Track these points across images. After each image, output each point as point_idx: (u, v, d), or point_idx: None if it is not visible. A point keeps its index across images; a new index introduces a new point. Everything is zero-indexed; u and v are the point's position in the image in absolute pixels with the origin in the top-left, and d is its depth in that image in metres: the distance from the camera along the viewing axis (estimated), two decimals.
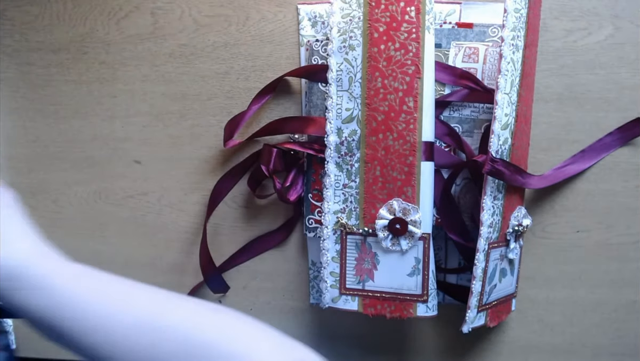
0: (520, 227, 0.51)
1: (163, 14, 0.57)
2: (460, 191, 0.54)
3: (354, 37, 0.49)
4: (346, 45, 0.50)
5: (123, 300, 0.36)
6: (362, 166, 0.50)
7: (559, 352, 0.58)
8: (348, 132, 0.50)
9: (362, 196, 0.50)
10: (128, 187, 0.59)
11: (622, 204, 0.56)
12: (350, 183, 0.51)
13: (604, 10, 0.54)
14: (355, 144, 0.50)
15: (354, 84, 0.50)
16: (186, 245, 0.59)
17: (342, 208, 0.51)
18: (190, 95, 0.57)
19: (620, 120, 0.55)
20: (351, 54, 0.50)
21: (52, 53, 0.58)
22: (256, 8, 0.56)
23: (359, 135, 0.50)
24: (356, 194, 0.51)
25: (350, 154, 0.51)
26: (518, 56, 0.48)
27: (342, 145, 0.51)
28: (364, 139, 0.50)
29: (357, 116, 0.50)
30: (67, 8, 0.57)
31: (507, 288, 0.53)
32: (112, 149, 0.58)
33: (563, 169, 0.55)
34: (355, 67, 0.50)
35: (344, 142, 0.51)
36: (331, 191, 0.51)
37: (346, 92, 0.50)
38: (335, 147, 0.51)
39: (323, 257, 0.52)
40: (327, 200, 0.51)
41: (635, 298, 0.57)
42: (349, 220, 0.51)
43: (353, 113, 0.50)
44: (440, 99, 0.52)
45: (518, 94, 0.49)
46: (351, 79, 0.50)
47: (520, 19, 0.48)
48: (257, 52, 0.56)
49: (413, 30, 0.47)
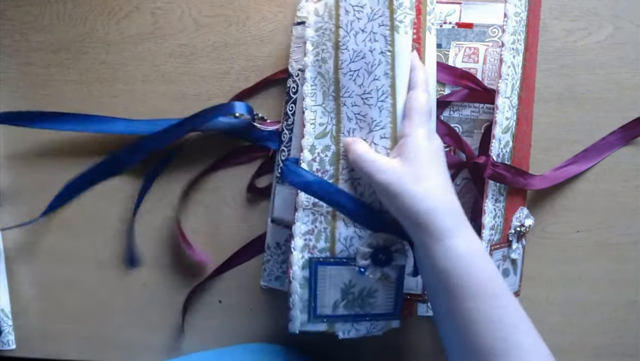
0: (523, 227, 0.51)
1: (163, 14, 0.57)
2: (460, 191, 0.54)
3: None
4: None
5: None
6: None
7: (559, 352, 0.57)
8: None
9: (333, 215, 0.47)
10: (128, 187, 0.58)
11: (622, 204, 0.56)
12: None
13: (604, 10, 0.54)
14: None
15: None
16: (186, 245, 0.59)
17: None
18: (190, 95, 0.57)
19: (621, 120, 0.55)
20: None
21: (52, 53, 0.58)
22: (256, 8, 0.56)
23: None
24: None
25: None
26: (518, 60, 0.48)
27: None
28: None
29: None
30: (67, 8, 0.57)
31: (510, 287, 0.53)
32: (112, 149, 0.58)
33: (565, 168, 0.55)
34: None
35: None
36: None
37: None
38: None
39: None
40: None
41: (635, 298, 0.57)
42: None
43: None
44: (441, 99, 0.52)
45: (519, 96, 0.49)
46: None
47: (520, 23, 0.48)
48: (257, 52, 0.56)
49: (414, 31, 0.47)
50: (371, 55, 0.45)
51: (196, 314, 0.59)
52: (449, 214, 0.41)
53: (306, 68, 0.48)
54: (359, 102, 0.46)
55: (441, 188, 0.41)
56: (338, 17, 0.46)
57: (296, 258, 0.47)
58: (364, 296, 0.48)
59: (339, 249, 0.47)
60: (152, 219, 0.58)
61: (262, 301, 0.58)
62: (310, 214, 0.47)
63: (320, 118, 0.48)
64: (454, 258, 0.40)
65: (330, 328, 0.49)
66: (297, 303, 0.48)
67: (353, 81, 0.46)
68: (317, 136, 0.48)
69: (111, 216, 0.59)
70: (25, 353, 0.60)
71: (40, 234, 0.59)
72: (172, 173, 0.58)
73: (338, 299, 0.48)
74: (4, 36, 0.58)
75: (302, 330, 0.49)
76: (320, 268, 0.48)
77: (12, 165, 0.59)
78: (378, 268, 0.47)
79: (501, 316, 0.39)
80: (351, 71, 0.46)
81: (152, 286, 0.59)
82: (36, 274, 0.60)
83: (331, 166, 0.47)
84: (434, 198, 0.41)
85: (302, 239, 0.48)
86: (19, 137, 0.58)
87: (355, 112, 0.46)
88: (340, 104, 0.47)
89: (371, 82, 0.45)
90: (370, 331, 0.50)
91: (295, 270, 0.47)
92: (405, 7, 0.44)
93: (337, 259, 0.47)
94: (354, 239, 0.47)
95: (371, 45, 0.45)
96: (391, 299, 0.49)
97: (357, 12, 0.45)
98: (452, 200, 0.42)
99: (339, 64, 0.46)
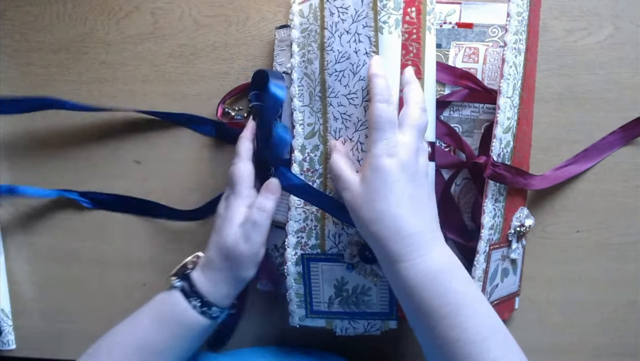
0: (523, 227, 0.51)
1: (163, 14, 0.57)
2: (460, 191, 0.54)
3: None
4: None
5: None
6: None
7: (559, 352, 0.58)
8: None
9: (322, 213, 0.49)
10: (128, 187, 0.59)
11: (622, 204, 0.56)
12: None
13: (604, 10, 0.54)
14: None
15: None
16: (186, 245, 0.59)
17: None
18: (190, 95, 0.57)
19: (621, 120, 0.55)
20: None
21: (52, 53, 0.58)
22: (256, 8, 0.56)
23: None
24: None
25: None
26: (520, 59, 0.48)
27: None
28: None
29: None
30: (67, 8, 0.57)
31: (509, 287, 0.53)
32: (112, 149, 0.58)
33: (565, 168, 0.55)
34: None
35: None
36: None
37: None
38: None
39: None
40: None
41: (635, 298, 0.57)
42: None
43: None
44: (441, 99, 0.52)
45: (520, 96, 0.49)
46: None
47: (522, 22, 0.48)
48: (257, 52, 0.56)
49: (414, 31, 0.47)
50: (356, 56, 0.45)
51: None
52: (395, 240, 0.40)
53: (293, 69, 0.49)
54: (345, 102, 0.46)
55: (391, 213, 0.40)
56: (323, 19, 0.47)
57: (289, 254, 0.50)
58: (358, 294, 0.50)
59: (328, 246, 0.49)
60: (152, 219, 0.58)
61: (262, 302, 0.58)
62: (302, 213, 0.49)
63: (308, 118, 0.49)
64: (400, 283, 0.40)
65: (328, 324, 0.51)
66: (293, 298, 0.50)
67: (339, 81, 0.46)
68: (306, 136, 0.49)
69: (111, 216, 0.59)
70: (25, 353, 0.60)
71: (40, 234, 0.59)
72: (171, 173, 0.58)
73: (332, 296, 0.50)
74: (4, 36, 0.58)
75: (302, 324, 0.51)
76: (312, 264, 0.49)
77: (12, 165, 0.59)
78: (366, 264, 0.48)
79: (459, 335, 0.38)
80: (336, 71, 0.46)
81: (152, 286, 0.59)
82: (36, 274, 0.60)
83: (320, 165, 0.48)
84: (379, 224, 0.40)
85: (294, 237, 0.49)
86: (19, 137, 0.58)
87: (341, 112, 0.47)
88: (327, 104, 0.47)
89: (356, 82, 0.45)
90: (367, 330, 0.51)
91: (290, 266, 0.50)
92: (389, 7, 0.44)
93: (328, 255, 0.49)
94: (342, 236, 0.48)
95: (356, 46, 0.45)
96: (386, 299, 0.49)
97: (342, 14, 0.46)
98: (405, 223, 0.40)
99: (325, 65, 0.47)
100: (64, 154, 0.59)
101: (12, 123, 0.58)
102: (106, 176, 0.59)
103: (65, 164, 0.59)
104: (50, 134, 0.58)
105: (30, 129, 0.59)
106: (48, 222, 0.59)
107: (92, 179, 0.59)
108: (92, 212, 0.59)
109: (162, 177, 0.58)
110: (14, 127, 0.58)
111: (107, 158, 0.58)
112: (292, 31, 0.49)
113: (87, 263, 0.59)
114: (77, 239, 0.59)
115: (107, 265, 0.59)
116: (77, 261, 0.59)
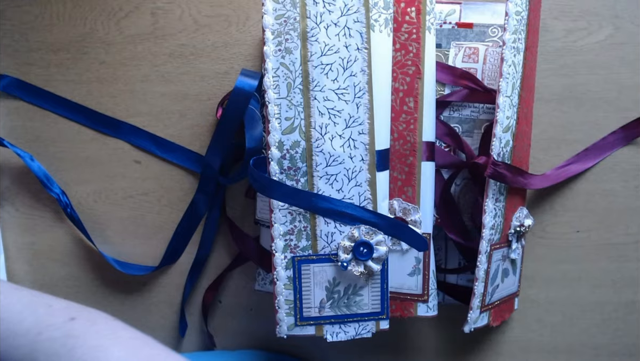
0: (522, 227, 0.51)
1: (163, 14, 0.57)
2: (460, 191, 0.54)
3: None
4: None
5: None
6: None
7: (559, 352, 0.58)
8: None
9: (312, 213, 0.46)
10: (128, 187, 0.58)
11: (622, 204, 0.56)
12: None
13: (604, 10, 0.54)
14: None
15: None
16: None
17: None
18: (190, 95, 0.57)
19: (621, 120, 0.55)
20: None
21: (52, 53, 0.58)
22: (256, 8, 0.56)
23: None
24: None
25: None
26: (519, 59, 0.48)
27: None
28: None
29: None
30: (67, 8, 0.57)
31: (509, 287, 0.53)
32: (112, 149, 0.58)
33: (565, 168, 0.55)
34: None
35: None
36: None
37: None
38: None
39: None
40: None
41: (635, 298, 0.57)
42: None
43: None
44: (441, 99, 0.52)
45: (519, 96, 0.49)
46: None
47: (521, 22, 0.48)
48: (257, 52, 0.56)
49: (413, 31, 0.47)
50: (346, 51, 0.45)
51: (196, 314, 0.59)
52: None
53: (267, 58, 0.45)
54: (333, 98, 0.45)
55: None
56: (304, 7, 0.45)
57: (278, 259, 0.47)
58: (350, 295, 0.48)
59: (320, 246, 0.47)
60: (153, 219, 0.59)
61: (262, 302, 0.58)
62: (287, 214, 0.46)
63: (286, 112, 0.46)
64: None
65: (318, 331, 0.48)
66: (282, 305, 0.47)
67: (325, 75, 0.45)
68: (284, 131, 0.46)
69: (111, 216, 0.59)
70: None
71: (40, 234, 0.59)
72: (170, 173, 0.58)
73: (323, 299, 0.48)
74: (4, 36, 0.58)
75: (289, 334, 0.48)
76: (303, 266, 0.47)
77: (13, 165, 0.59)
78: (360, 261, 0.46)
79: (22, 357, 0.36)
80: (323, 64, 0.45)
81: (152, 286, 0.59)
82: (36, 274, 0.60)
83: (303, 163, 0.46)
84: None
85: (282, 241, 0.47)
86: (19, 137, 0.58)
87: (329, 107, 0.45)
88: (310, 98, 0.46)
89: (347, 78, 0.45)
90: (359, 332, 0.49)
91: (279, 271, 0.47)
92: (379, 6, 0.44)
93: (320, 256, 0.47)
94: (335, 234, 0.47)
95: (346, 40, 0.45)
96: (377, 298, 0.48)
97: (328, 5, 0.45)
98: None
99: (308, 56, 0.45)
100: (64, 154, 0.59)
101: (12, 122, 0.58)
102: (106, 176, 0.59)
103: (65, 164, 0.59)
104: (51, 134, 0.58)
105: (31, 129, 0.59)
106: (48, 222, 0.59)
107: (92, 179, 0.59)
108: (92, 212, 0.59)
109: (162, 178, 0.58)
110: (14, 127, 0.58)
111: (107, 158, 0.58)
112: (264, 17, 0.45)
113: (87, 263, 0.59)
114: (77, 239, 0.59)
115: (107, 265, 0.58)
116: (77, 261, 0.59)
